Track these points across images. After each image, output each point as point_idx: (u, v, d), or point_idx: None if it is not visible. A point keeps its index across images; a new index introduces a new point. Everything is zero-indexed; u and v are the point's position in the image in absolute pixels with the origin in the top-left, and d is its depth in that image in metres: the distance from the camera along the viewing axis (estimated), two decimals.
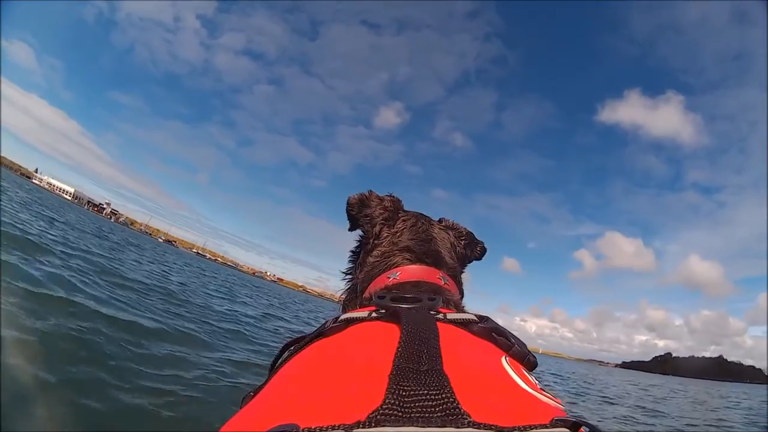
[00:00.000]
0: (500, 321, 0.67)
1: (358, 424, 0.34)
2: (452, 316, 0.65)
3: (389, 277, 0.87)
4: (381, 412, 0.35)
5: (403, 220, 1.06)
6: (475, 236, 1.19)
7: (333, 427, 0.34)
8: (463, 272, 1.08)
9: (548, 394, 0.51)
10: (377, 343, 0.53)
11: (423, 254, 0.95)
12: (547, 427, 0.37)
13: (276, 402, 0.46)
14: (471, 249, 1.16)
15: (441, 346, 0.48)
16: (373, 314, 0.64)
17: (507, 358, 0.56)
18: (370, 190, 1.14)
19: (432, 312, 0.65)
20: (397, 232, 1.02)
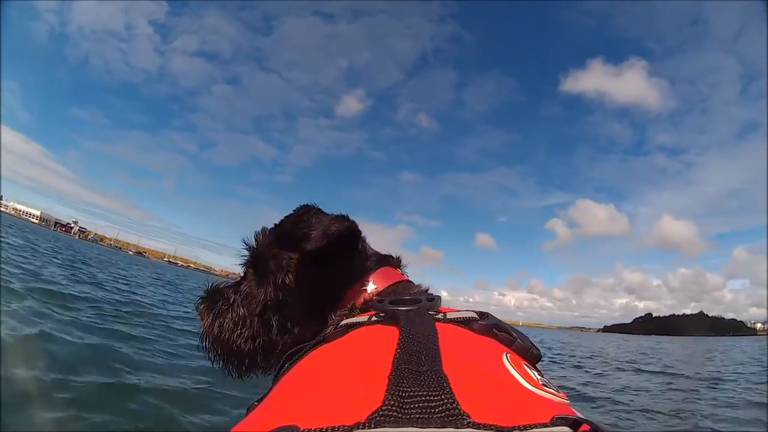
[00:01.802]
0: (478, 297, 1.14)
1: (357, 425, 0.34)
2: (452, 315, 0.65)
3: (365, 289, 0.84)
4: (380, 413, 0.35)
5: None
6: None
7: (333, 429, 0.34)
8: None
9: (551, 390, 0.49)
10: (377, 345, 0.53)
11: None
12: (547, 426, 0.36)
13: (277, 406, 0.47)
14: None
15: (440, 346, 0.47)
16: (373, 318, 0.66)
17: (508, 355, 0.55)
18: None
19: (431, 312, 0.66)
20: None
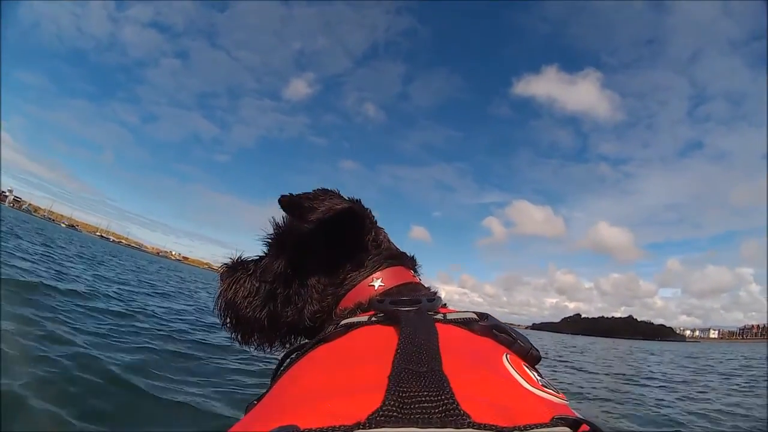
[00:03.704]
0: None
1: (357, 425, 0.34)
2: (452, 315, 0.65)
3: (372, 286, 0.83)
4: (381, 413, 0.35)
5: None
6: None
7: (333, 428, 0.34)
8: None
9: (551, 391, 0.50)
10: (377, 345, 0.53)
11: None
12: (547, 426, 0.37)
13: (277, 406, 0.47)
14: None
15: (440, 347, 0.47)
16: (373, 318, 0.66)
17: (508, 356, 0.56)
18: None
19: (431, 313, 0.66)
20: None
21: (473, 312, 0.66)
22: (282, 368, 0.64)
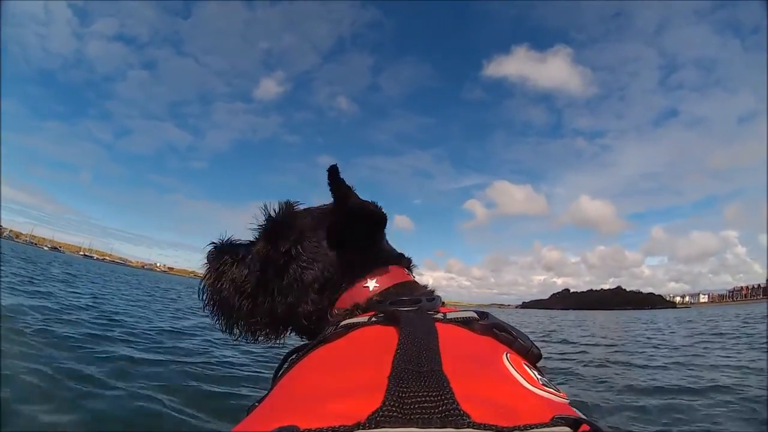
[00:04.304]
0: None
1: (358, 425, 0.34)
2: (452, 315, 0.65)
3: (366, 287, 0.82)
4: (381, 413, 0.35)
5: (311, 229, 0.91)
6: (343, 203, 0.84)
7: (333, 429, 0.34)
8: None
9: (551, 389, 0.50)
10: (377, 346, 0.53)
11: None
12: (547, 426, 0.37)
13: (277, 406, 0.48)
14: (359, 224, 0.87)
15: (440, 347, 0.47)
16: (373, 319, 0.65)
17: (509, 354, 0.55)
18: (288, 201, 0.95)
19: (431, 312, 0.66)
20: (316, 245, 0.88)
21: (473, 311, 0.66)
22: (283, 369, 0.64)
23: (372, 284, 0.82)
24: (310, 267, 0.85)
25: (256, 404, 0.55)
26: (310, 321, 0.87)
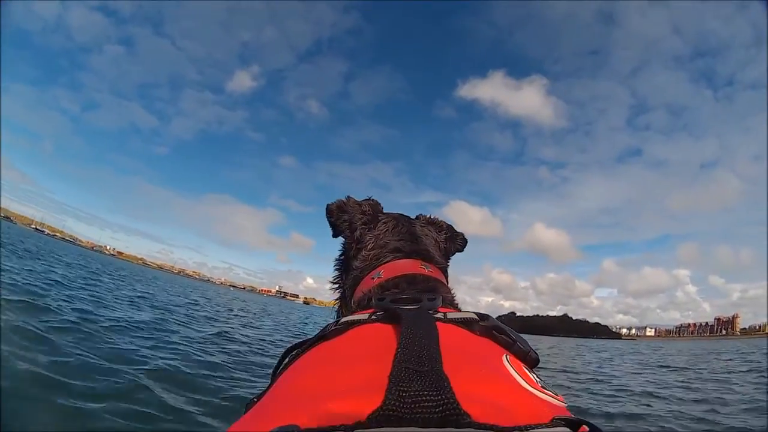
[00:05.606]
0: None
1: (358, 425, 0.35)
2: (453, 315, 0.65)
3: (373, 278, 0.90)
4: (381, 412, 0.35)
5: (384, 222, 1.11)
6: (455, 228, 1.26)
7: (333, 428, 0.34)
8: (447, 266, 1.12)
9: (550, 392, 0.50)
10: (377, 344, 0.52)
11: (412, 253, 0.99)
12: (547, 426, 0.37)
13: (277, 404, 0.47)
14: (452, 242, 1.23)
15: (441, 347, 0.47)
16: (373, 316, 0.64)
17: (508, 357, 0.56)
18: (348, 196, 1.22)
19: (431, 312, 0.65)
20: (379, 234, 1.07)
21: (474, 312, 0.66)
22: (282, 365, 0.63)
23: (377, 275, 0.92)
24: (362, 251, 1.06)
25: (255, 400, 0.55)
26: (345, 300, 1.07)
